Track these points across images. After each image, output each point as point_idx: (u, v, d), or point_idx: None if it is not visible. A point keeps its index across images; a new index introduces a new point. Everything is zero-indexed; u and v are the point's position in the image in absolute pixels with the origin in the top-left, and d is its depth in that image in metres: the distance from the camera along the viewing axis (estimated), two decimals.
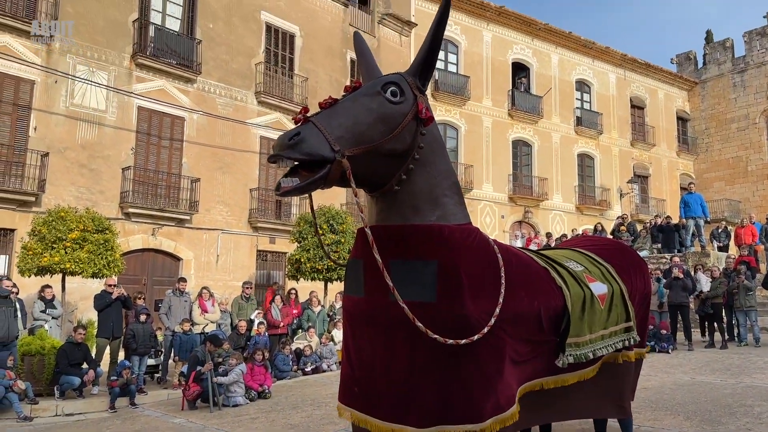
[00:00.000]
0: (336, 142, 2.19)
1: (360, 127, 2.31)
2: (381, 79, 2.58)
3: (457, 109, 24.09)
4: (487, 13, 25.33)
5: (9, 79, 13.49)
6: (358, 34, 3.10)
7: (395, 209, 2.53)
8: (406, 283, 2.41)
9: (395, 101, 2.46)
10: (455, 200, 2.70)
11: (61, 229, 10.83)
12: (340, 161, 2.18)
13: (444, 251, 2.49)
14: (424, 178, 2.55)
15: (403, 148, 2.46)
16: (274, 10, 19.09)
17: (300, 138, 2.13)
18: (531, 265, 3.03)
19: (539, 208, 25.65)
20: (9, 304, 8.83)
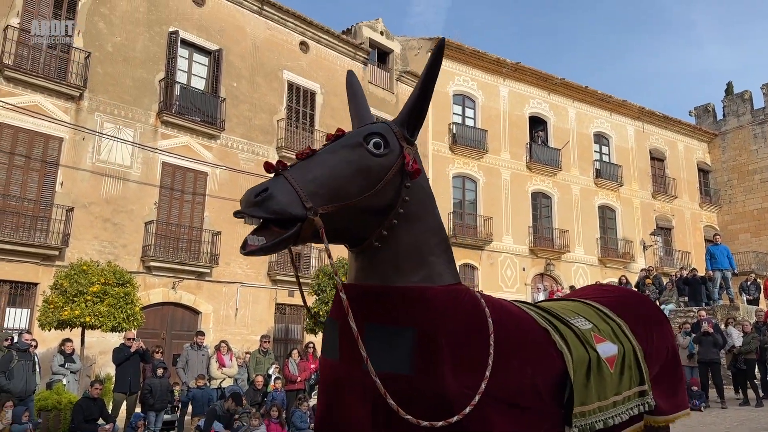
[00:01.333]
0: (309, 199, 1.98)
1: (337, 182, 2.09)
2: (364, 128, 2.33)
3: (475, 161, 24.24)
4: (504, 69, 25.81)
5: (38, 137, 13.95)
6: (350, 73, 2.89)
7: (375, 268, 2.27)
8: (381, 351, 2.16)
9: (378, 153, 2.22)
10: (443, 259, 2.41)
11: (83, 283, 10.92)
12: (312, 219, 1.96)
13: (424, 317, 2.20)
14: (410, 234, 2.28)
15: (384, 203, 2.21)
16: (295, 69, 19.69)
17: (267, 194, 1.92)
18: (528, 327, 2.65)
19: (561, 261, 25.31)
20: (28, 358, 8.83)
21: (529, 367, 2.45)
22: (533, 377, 2.44)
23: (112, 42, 15.50)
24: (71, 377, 10.42)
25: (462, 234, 22.91)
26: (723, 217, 31.75)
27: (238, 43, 18.26)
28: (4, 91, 13.46)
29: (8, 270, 13.06)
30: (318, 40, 20.44)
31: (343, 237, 2.24)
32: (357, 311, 2.15)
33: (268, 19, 19.16)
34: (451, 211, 23.18)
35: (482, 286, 22.52)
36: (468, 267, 23.21)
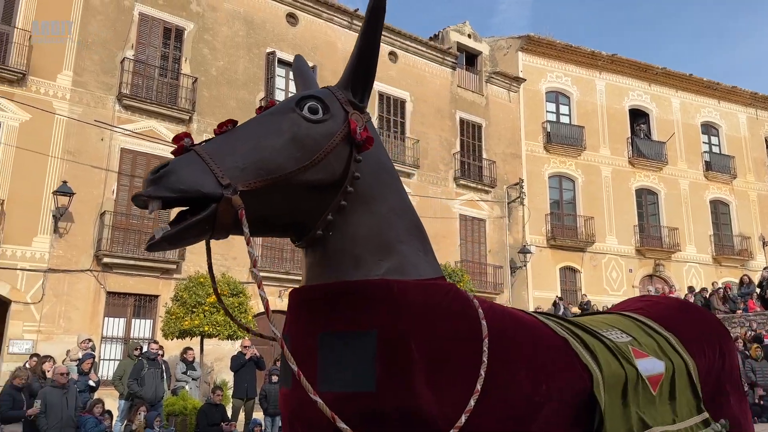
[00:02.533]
0: (225, 174, 1.59)
1: (263, 153, 1.69)
2: (298, 93, 1.94)
3: (573, 160, 23.45)
4: (599, 62, 24.83)
5: (155, 159, 15.04)
6: (298, 57, 2.38)
7: (328, 262, 1.82)
8: (338, 365, 1.72)
9: (315, 119, 1.80)
10: (416, 246, 1.93)
11: (200, 294, 11.65)
12: (229, 198, 1.57)
13: (389, 317, 1.73)
14: (368, 217, 1.84)
15: (329, 179, 1.77)
16: (385, 79, 19.97)
17: (168, 170, 1.54)
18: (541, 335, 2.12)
19: (671, 261, 23.88)
20: (156, 366, 9.52)
21: (544, 383, 1.93)
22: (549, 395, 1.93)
23: (215, 66, 16.47)
24: (192, 384, 11.11)
25: (561, 236, 22.22)
26: None
27: (330, 59, 18.79)
28: (123, 119, 14.65)
29: (132, 284, 14.16)
30: (406, 48, 20.64)
31: (277, 225, 1.83)
32: (309, 318, 1.80)
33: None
34: (549, 213, 22.55)
35: (586, 290, 21.71)
36: (569, 270, 22.45)
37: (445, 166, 20.75)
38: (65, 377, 8.03)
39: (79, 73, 14.21)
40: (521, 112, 23.22)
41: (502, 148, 22.44)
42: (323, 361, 1.73)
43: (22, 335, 12.57)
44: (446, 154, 20.90)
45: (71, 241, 13.47)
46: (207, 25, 16.55)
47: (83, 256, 13.58)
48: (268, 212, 1.72)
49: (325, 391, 1.67)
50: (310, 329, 1.78)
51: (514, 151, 22.72)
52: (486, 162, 21.75)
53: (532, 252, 21.12)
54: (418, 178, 19.83)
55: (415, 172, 19.75)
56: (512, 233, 21.83)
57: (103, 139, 14.24)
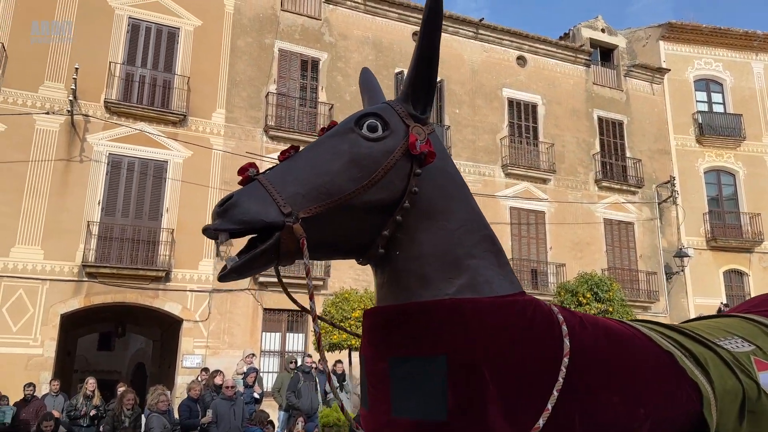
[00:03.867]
0: (287, 203, 1.60)
1: (323, 178, 1.66)
2: (357, 112, 1.87)
3: (731, 152, 21.30)
4: (755, 43, 22.40)
5: None
6: (365, 70, 2.36)
7: (397, 282, 1.76)
8: (410, 392, 1.65)
9: (374, 137, 1.75)
10: (489, 261, 1.81)
11: (346, 309, 12.20)
12: (291, 227, 1.57)
13: (459, 340, 1.63)
14: (433, 234, 1.75)
15: (390, 196, 1.72)
16: (514, 85, 19.63)
17: (232, 202, 1.58)
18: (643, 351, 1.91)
19: None
20: (311, 378, 10.11)
21: (642, 407, 1.77)
22: (648, 419, 1.76)
23: (348, 92, 17.26)
24: (344, 396, 11.60)
25: (723, 236, 20.21)
26: None
27: (457, 71, 18.88)
28: (270, 148, 15.83)
29: (285, 300, 15.07)
30: (535, 51, 20.14)
31: (341, 248, 1.80)
32: (379, 340, 1.75)
33: (483, 42, 19.50)
34: (707, 211, 20.63)
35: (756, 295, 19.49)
36: (735, 273, 20.34)
37: (584, 168, 19.85)
38: (232, 390, 8.81)
39: (230, 110, 15.65)
40: (667, 104, 21.58)
41: (648, 145, 20.97)
42: (395, 385, 1.68)
43: (193, 350, 13.98)
44: (585, 156, 19.98)
45: None
46: (339, 54, 17.43)
47: None
48: (330, 235, 1.69)
49: (400, 417, 1.64)
50: (381, 352, 1.74)
51: (661, 147, 21.15)
52: (630, 161, 20.47)
53: (690, 255, 19.43)
54: (555, 184, 19.16)
55: (551, 178, 19.12)
56: (665, 236, 20.26)
57: None
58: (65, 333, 15.15)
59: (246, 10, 16.47)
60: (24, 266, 12.95)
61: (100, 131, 14.23)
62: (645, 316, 18.29)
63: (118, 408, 8.44)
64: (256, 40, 16.43)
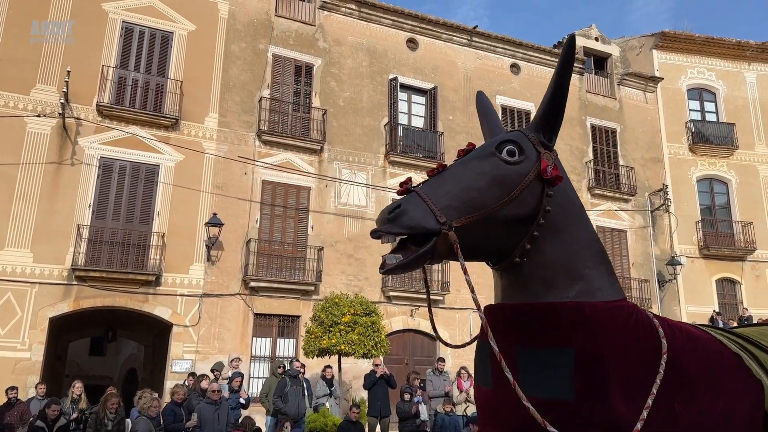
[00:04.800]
0: (442, 213, 1.93)
1: (470, 193, 2.01)
2: (496, 138, 2.24)
3: (723, 160, 21.38)
4: (747, 53, 22.54)
5: (292, 188, 16.08)
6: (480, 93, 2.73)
7: (522, 285, 2.11)
8: (536, 376, 2.00)
9: (512, 161, 2.11)
10: (601, 271, 2.17)
11: (336, 314, 12.16)
12: (446, 234, 1.91)
13: (584, 336, 1.98)
14: (558, 246, 2.10)
15: (525, 213, 2.07)
16: (508, 92, 19.70)
17: (400, 210, 1.90)
18: (717, 351, 2.29)
19: None
20: (298, 383, 10.07)
21: (722, 398, 2.10)
22: (727, 410, 2.08)
23: (342, 97, 17.30)
24: (332, 401, 11.56)
25: (715, 244, 20.25)
26: None
27: (450, 78, 18.95)
28: (263, 153, 15.85)
29: (276, 305, 15.13)
30: (528, 59, 20.23)
31: (481, 253, 2.13)
32: (507, 333, 2.04)
33: (477, 49, 19.58)
34: (699, 219, 20.68)
35: (748, 303, 19.54)
36: (727, 282, 20.36)
37: (577, 176, 19.88)
38: (218, 394, 8.76)
39: (223, 115, 15.65)
40: (660, 113, 21.68)
41: (641, 153, 21.04)
42: (523, 369, 2.01)
43: (183, 355, 13.91)
44: (578, 164, 20.03)
45: (222, 267, 14.74)
46: (333, 59, 17.48)
47: (233, 281, 14.78)
48: (474, 242, 2.01)
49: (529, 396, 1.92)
50: (510, 341, 2.03)
51: (654, 156, 21.22)
52: (623, 169, 20.52)
53: (683, 263, 19.46)
54: None
55: None
56: (658, 244, 20.29)
57: (246, 173, 15.49)
58: (56, 337, 15.08)
59: (240, 16, 16.52)
60: (13, 269, 12.89)
61: (91, 134, 14.21)
62: None
63: (101, 411, 8.38)
64: (250, 45, 16.47)
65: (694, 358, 2.14)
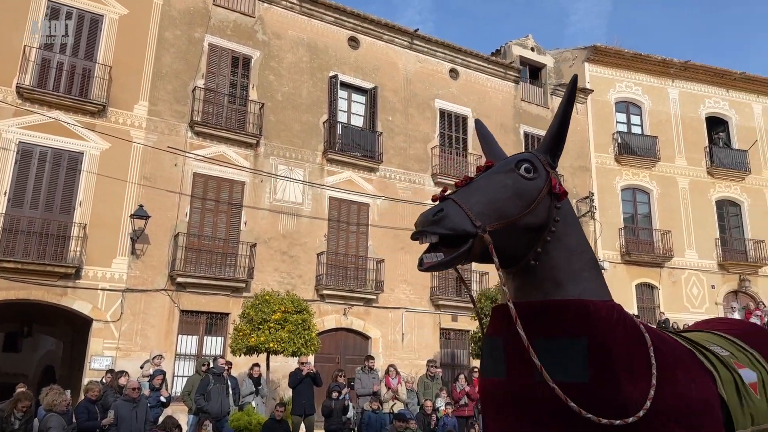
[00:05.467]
0: (477, 218, 2.21)
1: (497, 203, 2.32)
2: (514, 156, 2.61)
3: (646, 171, 22.49)
4: (671, 70, 23.82)
5: (225, 182, 15.71)
6: (477, 122, 3.17)
7: (535, 284, 2.45)
8: (553, 362, 2.28)
9: (529, 177, 2.46)
10: (594, 275, 2.55)
11: (266, 311, 11.95)
12: (482, 236, 2.19)
13: (592, 328, 2.33)
14: (562, 252, 2.47)
15: (539, 222, 2.43)
16: (446, 96, 20.01)
17: (443, 214, 2.18)
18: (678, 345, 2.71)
19: (758, 276, 22.30)
20: (222, 381, 9.83)
21: (694, 384, 2.50)
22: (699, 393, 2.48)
23: (281, 92, 17.06)
24: (259, 400, 11.36)
25: (636, 251, 21.26)
26: None
27: (391, 79, 19.05)
28: (195, 145, 15.40)
29: (204, 302, 14.74)
30: (467, 65, 20.61)
31: (505, 255, 2.38)
32: (523, 327, 2.25)
33: (418, 52, 19.77)
34: (622, 227, 21.67)
35: (665, 307, 20.63)
36: (646, 286, 21.42)
37: None
38: (136, 392, 8.43)
39: (154, 103, 15.11)
40: (589, 123, 22.57)
41: (570, 161, 21.82)
42: (540, 357, 2.23)
43: (103, 352, 13.32)
44: None
45: (147, 261, 14.21)
46: (272, 53, 17.22)
47: (158, 276, 14.28)
48: (499, 246, 2.28)
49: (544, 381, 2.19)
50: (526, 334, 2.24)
51: (583, 164, 22.07)
52: None
53: (606, 268, 20.29)
54: None
55: None
56: None
57: (176, 165, 15.01)
58: None
59: (176, 2, 16.00)
60: None
61: (10, 117, 13.40)
62: None
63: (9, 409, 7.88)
64: (185, 33, 15.99)
65: (668, 350, 2.52)
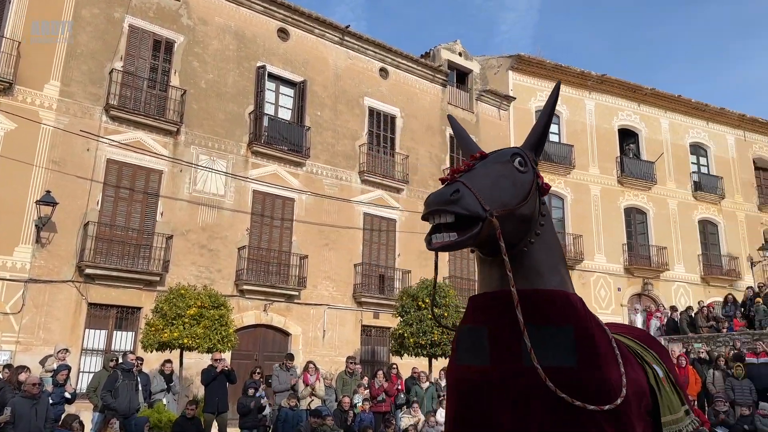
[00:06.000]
0: (485, 202, 2.23)
1: (499, 191, 2.36)
2: (507, 149, 2.68)
3: (562, 178, 23.54)
4: (589, 82, 25.06)
5: (141, 170, 15.03)
6: (450, 117, 3.30)
7: (521, 273, 2.45)
8: (542, 348, 2.34)
9: (522, 170, 2.54)
10: (565, 270, 2.69)
11: (181, 306, 11.54)
12: (490, 220, 2.22)
13: (575, 317, 2.45)
14: (543, 245, 2.57)
15: (531, 213, 2.51)
16: (376, 95, 20.09)
17: (460, 195, 2.17)
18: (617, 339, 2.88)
19: (660, 280, 23.88)
20: (131, 377, 9.39)
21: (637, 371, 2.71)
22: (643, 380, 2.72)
23: (205, 79, 16.52)
24: (170, 397, 10.95)
25: None
26: None
27: (321, 74, 18.91)
28: (110, 129, 14.64)
29: (115, 295, 14.03)
30: (397, 65, 20.79)
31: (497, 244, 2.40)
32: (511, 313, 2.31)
33: (348, 49, 19.73)
34: None
35: None
36: None
37: (434, 182, 20.76)
38: (36, 388, 7.91)
39: (66, 83, 14.22)
40: (511, 130, 23.35)
41: None
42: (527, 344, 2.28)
43: (1, 346, 12.40)
44: (436, 170, 20.94)
45: (53, 251, 13.37)
46: (197, 39, 16.65)
47: (65, 267, 13.46)
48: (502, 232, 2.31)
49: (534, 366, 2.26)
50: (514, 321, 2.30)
51: None
52: None
53: None
54: (408, 194, 19.85)
55: (404, 188, 19.78)
56: None
57: (89, 150, 14.20)
58: None
59: None
60: None
61: None
62: None
63: None
64: (103, 11, 15.14)
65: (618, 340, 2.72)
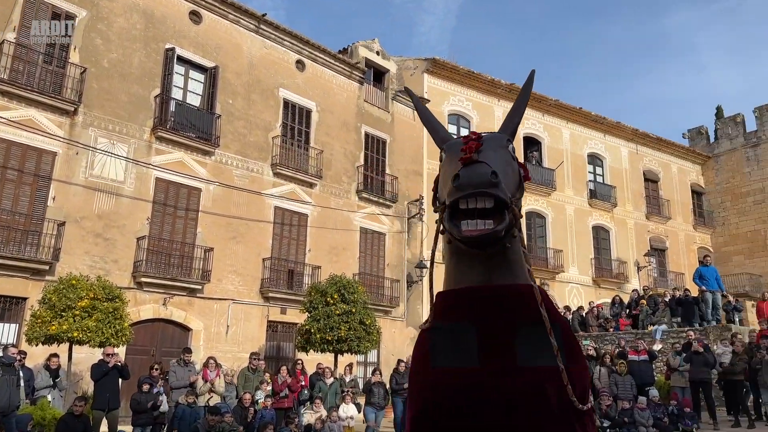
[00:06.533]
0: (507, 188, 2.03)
1: (508, 177, 2.15)
2: (499, 134, 2.43)
3: None
4: (498, 90, 26.04)
5: (31, 151, 13.96)
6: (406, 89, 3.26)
7: (506, 268, 2.26)
8: (531, 346, 2.22)
9: (515, 157, 2.37)
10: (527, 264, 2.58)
11: (72, 297, 10.84)
12: (513, 208, 2.04)
13: (557, 314, 2.36)
14: (518, 240, 2.33)
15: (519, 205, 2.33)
16: (291, 87, 19.82)
17: (498, 179, 1.96)
18: None
19: (555, 281, 25.27)
20: (12, 372, 8.71)
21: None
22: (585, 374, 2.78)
23: (108, 58, 15.59)
24: (56, 393, 10.26)
25: None
26: (717, 238, 31.84)
27: (234, 61, 18.39)
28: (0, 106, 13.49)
29: None
30: (314, 58, 20.62)
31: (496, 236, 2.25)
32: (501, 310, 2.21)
33: (264, 38, 19.33)
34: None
35: None
36: None
37: (348, 178, 20.82)
38: None
39: None
40: (424, 131, 23.81)
41: (405, 165, 22.87)
42: (521, 343, 2.18)
43: None
44: (350, 167, 20.99)
45: None
46: (101, 14, 15.68)
47: None
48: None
49: (527, 365, 2.15)
50: (507, 318, 2.19)
51: (416, 169, 23.23)
52: (388, 177, 22.05)
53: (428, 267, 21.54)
54: (321, 189, 19.75)
55: (317, 183, 19.67)
56: (411, 248, 22.22)
57: None
58: None
59: None
60: None
61: None
62: (386, 320, 19.78)
63: None
64: None
65: None
